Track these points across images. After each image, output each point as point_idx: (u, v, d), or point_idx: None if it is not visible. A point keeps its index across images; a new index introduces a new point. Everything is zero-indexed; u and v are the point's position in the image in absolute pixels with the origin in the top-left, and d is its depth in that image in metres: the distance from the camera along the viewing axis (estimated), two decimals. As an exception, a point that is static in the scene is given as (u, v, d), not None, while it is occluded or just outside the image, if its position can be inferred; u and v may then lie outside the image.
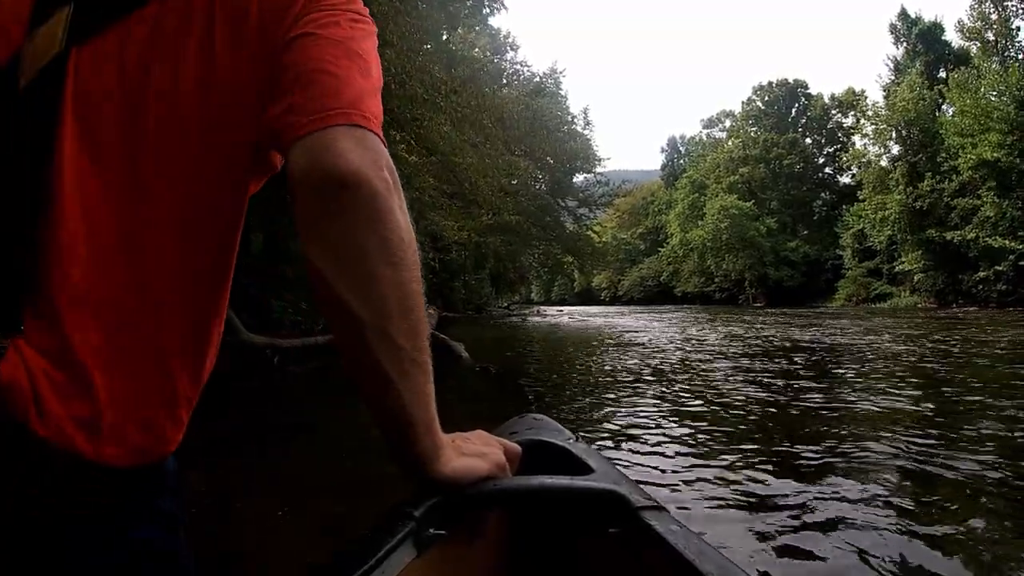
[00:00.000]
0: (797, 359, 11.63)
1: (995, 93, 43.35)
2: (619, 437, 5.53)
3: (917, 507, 3.69)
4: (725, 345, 14.73)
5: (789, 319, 28.20)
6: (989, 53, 47.23)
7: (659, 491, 3.93)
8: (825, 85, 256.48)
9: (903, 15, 58.30)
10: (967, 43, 50.88)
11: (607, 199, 43.97)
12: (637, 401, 7.30)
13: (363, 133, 0.72)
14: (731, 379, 8.96)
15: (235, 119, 0.78)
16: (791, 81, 79.31)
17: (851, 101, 71.48)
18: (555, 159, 32.59)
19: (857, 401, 7.08)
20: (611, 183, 44.32)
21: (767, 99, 79.87)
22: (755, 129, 79.36)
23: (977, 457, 4.63)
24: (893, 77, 57.99)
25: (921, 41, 56.38)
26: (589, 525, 0.96)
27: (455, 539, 0.88)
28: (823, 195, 76.85)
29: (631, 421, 6.16)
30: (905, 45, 58.03)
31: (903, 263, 52.20)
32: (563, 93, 39.89)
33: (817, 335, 17.70)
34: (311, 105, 0.72)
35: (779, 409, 6.66)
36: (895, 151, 54.64)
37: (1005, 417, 6.05)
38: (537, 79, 33.99)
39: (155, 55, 0.77)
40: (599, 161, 38.20)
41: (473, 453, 0.89)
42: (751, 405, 6.91)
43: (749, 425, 5.93)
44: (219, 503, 3.87)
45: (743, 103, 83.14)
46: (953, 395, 7.47)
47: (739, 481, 4.18)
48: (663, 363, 11.16)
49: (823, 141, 77.58)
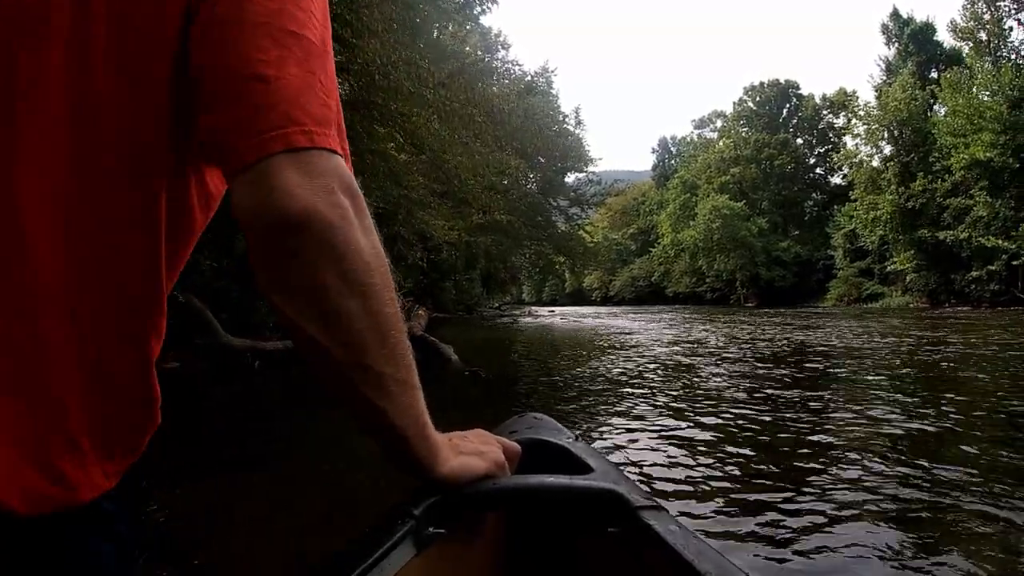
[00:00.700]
0: (792, 359, 11.54)
1: (988, 93, 43.38)
2: (612, 439, 5.48)
3: (914, 506, 3.68)
4: (719, 346, 14.55)
5: (782, 319, 28.15)
6: (982, 53, 47.05)
7: (657, 491, 3.95)
8: (816, 86, 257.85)
9: (895, 15, 58.34)
10: (959, 43, 50.83)
11: (599, 198, 43.80)
12: (631, 403, 7.17)
13: (308, 156, 0.63)
14: (726, 380, 8.83)
15: (119, 103, 0.65)
16: (782, 81, 79.41)
17: (842, 101, 71.48)
18: (546, 158, 32.35)
19: (853, 401, 7.08)
20: (603, 182, 44.09)
21: (758, 99, 79.89)
22: (746, 129, 79.38)
23: (973, 456, 4.71)
24: (885, 77, 57.94)
25: (913, 41, 56.39)
26: (588, 524, 0.96)
27: (454, 538, 0.88)
28: (814, 195, 77.07)
29: (625, 423, 6.11)
30: (897, 45, 58.03)
31: (895, 263, 52.19)
32: (554, 92, 39.71)
33: (811, 335, 17.64)
34: (242, 127, 0.62)
35: (775, 410, 6.63)
36: (887, 151, 54.62)
37: (1004, 417, 6.14)
38: (528, 78, 33.70)
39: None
40: (591, 161, 38.01)
41: (471, 452, 0.88)
42: (747, 406, 6.84)
43: (745, 426, 5.90)
44: (199, 514, 3.78)
45: (734, 103, 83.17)
46: (950, 395, 7.44)
47: (736, 482, 4.19)
48: (657, 365, 10.97)
49: (814, 141, 77.74)
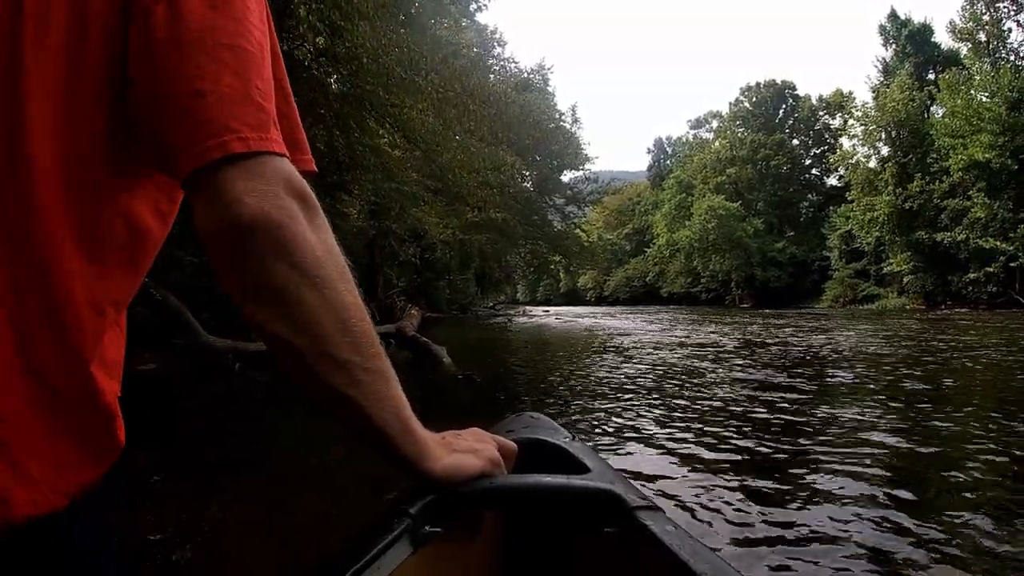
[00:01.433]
0: (790, 361, 11.38)
1: (987, 94, 43.36)
2: (608, 440, 5.41)
3: (912, 507, 3.65)
4: (716, 347, 14.25)
5: (779, 320, 28.02)
6: (980, 54, 47.19)
7: (653, 492, 3.92)
8: (813, 86, 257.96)
9: (893, 16, 58.49)
10: (958, 44, 50.95)
11: (595, 196, 43.47)
12: (627, 406, 6.99)
13: (248, 163, 0.65)
14: (723, 382, 8.66)
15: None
16: (779, 82, 79.39)
17: (839, 103, 71.62)
18: (543, 155, 31.98)
19: (851, 402, 7.07)
20: (600, 181, 43.79)
21: (755, 100, 79.86)
22: (742, 130, 79.30)
23: (972, 457, 4.68)
24: (882, 78, 58.16)
25: (911, 42, 56.61)
26: (585, 524, 0.97)
27: (451, 537, 0.89)
28: (810, 196, 77.17)
29: (621, 425, 6.01)
30: (894, 47, 58.26)
31: (891, 264, 52.31)
32: (550, 89, 39.34)
33: (808, 336, 17.44)
34: (183, 142, 0.64)
35: (771, 412, 6.54)
36: (884, 152, 54.71)
37: (1003, 418, 6.08)
38: (525, 75, 33.33)
39: None
40: (587, 159, 37.67)
41: (466, 449, 0.89)
42: (743, 407, 6.77)
43: (742, 428, 5.83)
44: (188, 516, 3.67)
45: (730, 104, 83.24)
46: (950, 396, 7.47)
47: (733, 483, 4.14)
48: (653, 366, 10.67)
49: (810, 142, 77.88)
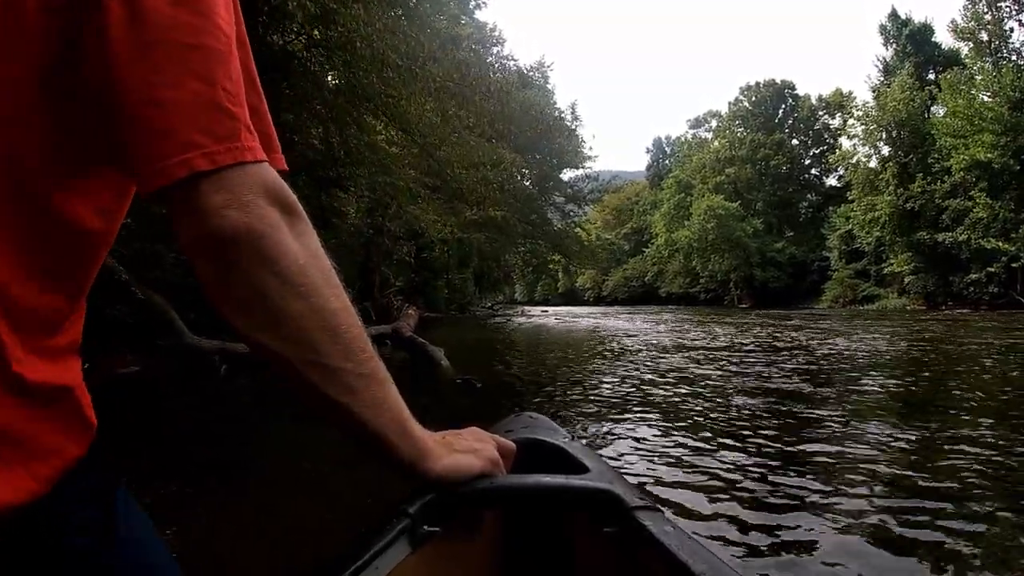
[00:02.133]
0: (791, 362, 11.23)
1: (989, 94, 43.22)
2: (608, 442, 5.36)
3: (912, 507, 3.63)
4: (717, 348, 13.94)
5: (779, 321, 27.80)
6: (982, 53, 47.01)
7: (652, 494, 3.92)
8: (812, 86, 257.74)
9: (893, 16, 58.38)
10: (960, 43, 50.76)
11: (596, 195, 43.22)
12: (627, 408, 6.85)
13: (220, 175, 0.63)
14: (725, 384, 8.47)
15: None
16: (778, 82, 79.21)
17: (838, 102, 71.58)
18: (542, 153, 31.73)
19: (853, 404, 7.04)
20: (600, 179, 43.54)
21: (754, 99, 79.71)
22: (742, 130, 79.18)
23: (974, 459, 4.63)
24: (882, 78, 58.02)
25: (911, 42, 56.53)
26: (584, 524, 0.98)
27: (450, 536, 0.89)
28: (809, 196, 77.11)
29: (621, 428, 5.92)
30: (895, 46, 58.16)
31: (892, 265, 52.19)
32: (550, 87, 39.04)
33: (809, 337, 17.23)
34: (144, 155, 0.61)
35: (772, 414, 6.46)
36: (885, 152, 54.57)
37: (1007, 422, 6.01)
38: (525, 72, 33.02)
39: None
40: (587, 157, 37.41)
41: (465, 449, 0.89)
42: (744, 411, 6.66)
43: (743, 431, 5.73)
44: (181, 520, 3.60)
45: (730, 103, 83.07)
46: (954, 398, 7.41)
47: (733, 485, 4.11)
48: (654, 369, 10.36)
49: (810, 142, 77.81)
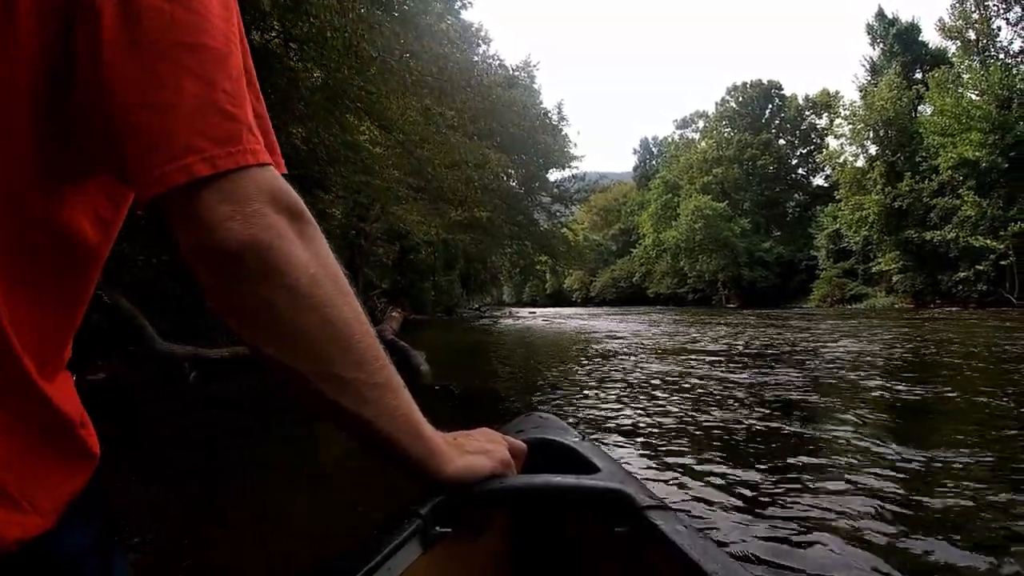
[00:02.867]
0: (782, 362, 11.09)
1: (977, 92, 43.39)
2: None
3: (912, 505, 3.64)
4: (707, 350, 13.64)
5: (767, 320, 27.82)
6: (970, 52, 47.35)
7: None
8: (799, 86, 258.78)
9: (880, 15, 58.61)
10: (947, 42, 51.16)
11: (583, 195, 43.02)
12: (617, 414, 6.60)
13: (223, 182, 0.61)
14: (717, 388, 8.21)
15: None
16: (765, 82, 79.57)
17: (825, 102, 71.82)
18: (528, 153, 31.45)
19: (847, 403, 7.00)
20: (587, 179, 43.35)
21: (741, 100, 79.97)
22: (729, 130, 79.41)
23: (968, 452, 4.73)
24: (869, 77, 58.25)
25: (898, 42, 56.85)
26: (595, 524, 0.98)
27: (461, 537, 0.90)
28: (796, 196, 77.31)
29: (607, 436, 5.67)
30: (882, 46, 58.51)
31: (879, 263, 52.27)
32: (536, 87, 38.72)
33: (799, 336, 17.15)
34: (141, 163, 0.59)
35: (769, 418, 6.28)
36: (872, 151, 54.74)
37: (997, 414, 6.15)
38: (511, 72, 32.70)
39: None
40: (574, 157, 37.16)
41: (477, 451, 0.89)
42: (742, 413, 6.51)
43: (743, 430, 5.72)
44: (174, 530, 3.63)
45: (717, 104, 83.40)
46: (945, 391, 7.50)
47: (737, 486, 4.08)
48: (644, 372, 10.02)
49: (796, 142, 78.09)
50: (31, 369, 0.60)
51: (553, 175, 39.35)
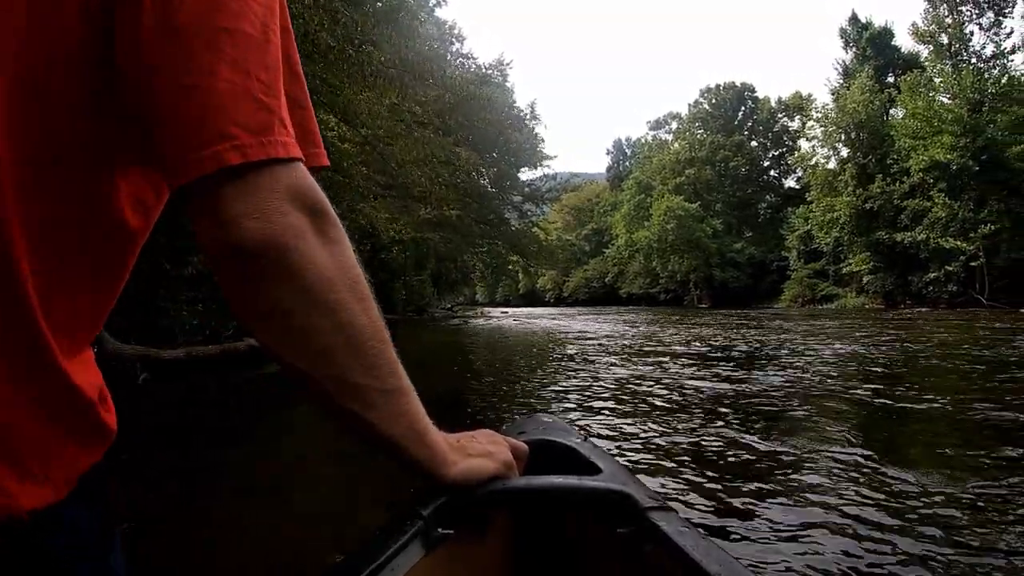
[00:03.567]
0: (756, 362, 11.14)
1: (948, 96, 43.85)
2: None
3: (912, 504, 3.63)
4: (680, 352, 13.34)
5: (740, 320, 27.99)
6: (942, 56, 47.94)
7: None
8: (772, 89, 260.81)
9: (854, 20, 59.16)
10: (919, 47, 51.87)
11: (554, 194, 42.73)
12: (586, 421, 6.35)
13: (248, 176, 0.60)
14: (687, 389, 8.10)
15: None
16: (738, 84, 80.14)
17: (798, 105, 72.24)
18: (499, 151, 31.08)
19: (822, 398, 7.17)
20: (558, 178, 43.06)
21: (714, 102, 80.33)
22: (702, 131, 79.82)
23: (949, 447, 4.88)
24: (842, 81, 58.73)
25: (871, 45, 57.60)
26: (597, 525, 0.98)
27: (463, 538, 0.90)
28: (768, 197, 77.79)
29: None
30: (855, 50, 59.25)
31: (850, 264, 52.68)
32: (509, 85, 38.32)
33: (771, 336, 17.33)
34: (174, 146, 0.59)
35: (747, 422, 6.15)
36: (844, 153, 55.13)
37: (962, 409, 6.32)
38: (484, 70, 32.28)
39: None
40: (546, 156, 36.81)
41: (479, 453, 0.90)
42: (714, 416, 6.42)
43: (714, 432, 5.64)
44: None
45: (690, 105, 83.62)
46: (918, 393, 7.50)
47: (727, 491, 4.02)
48: (614, 375, 9.71)
49: (769, 144, 78.66)
50: (56, 350, 0.61)
51: (525, 174, 39.04)
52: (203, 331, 11.10)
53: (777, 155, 77.18)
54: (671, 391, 7.83)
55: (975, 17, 47.13)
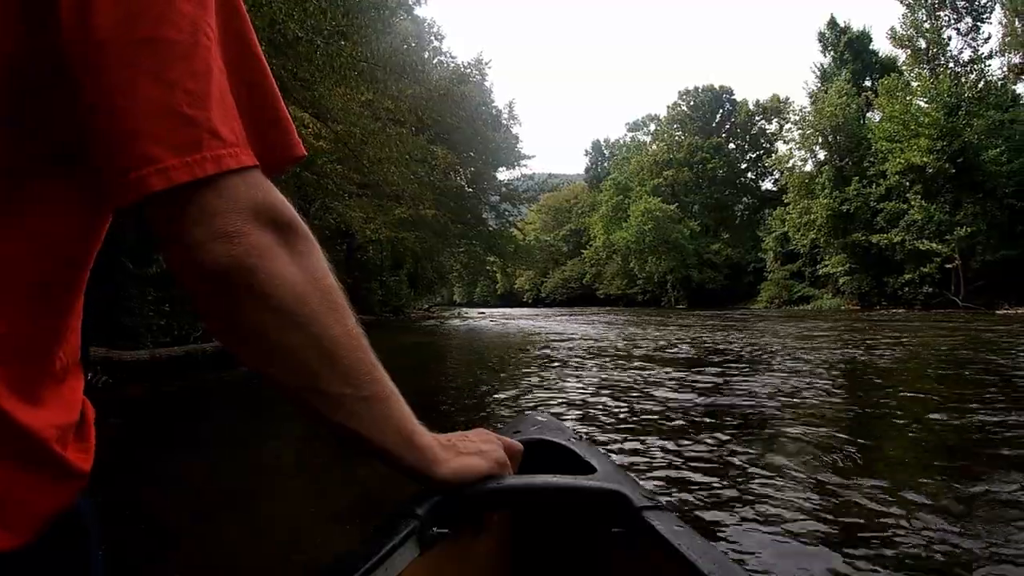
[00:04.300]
0: (739, 362, 11.14)
1: (925, 99, 44.12)
2: None
3: (909, 504, 3.60)
4: (659, 355, 13.09)
5: (716, 321, 28.15)
6: (920, 61, 48.46)
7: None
8: (750, 92, 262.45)
9: (832, 24, 59.46)
10: (898, 51, 52.32)
11: (532, 195, 42.51)
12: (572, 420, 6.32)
13: (189, 199, 0.56)
14: (666, 390, 8.04)
15: None
16: (717, 87, 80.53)
17: (775, 108, 72.51)
18: (477, 151, 30.81)
19: (809, 397, 7.26)
20: (536, 178, 42.87)
21: (692, 104, 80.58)
22: (680, 133, 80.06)
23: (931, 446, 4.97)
24: (820, 84, 59.11)
25: (849, 49, 57.97)
26: (592, 524, 0.99)
27: (458, 538, 0.90)
28: (745, 199, 78.20)
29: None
30: (833, 53, 59.59)
31: (827, 266, 52.93)
32: (488, 85, 38.06)
33: (749, 337, 17.39)
34: (105, 173, 0.56)
35: (715, 421, 6.19)
36: (821, 156, 55.49)
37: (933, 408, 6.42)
38: (463, 69, 31.98)
39: None
40: (524, 156, 36.58)
41: (472, 451, 0.89)
42: (692, 416, 6.42)
43: (714, 434, 5.56)
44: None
45: (668, 107, 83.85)
46: (897, 389, 7.76)
47: (719, 490, 4.00)
48: (591, 376, 9.49)
49: (746, 147, 79.01)
50: (10, 386, 0.57)
51: (503, 174, 38.80)
52: (170, 332, 10.73)
53: (754, 157, 77.38)
54: (647, 394, 7.65)
55: (953, 22, 47.64)
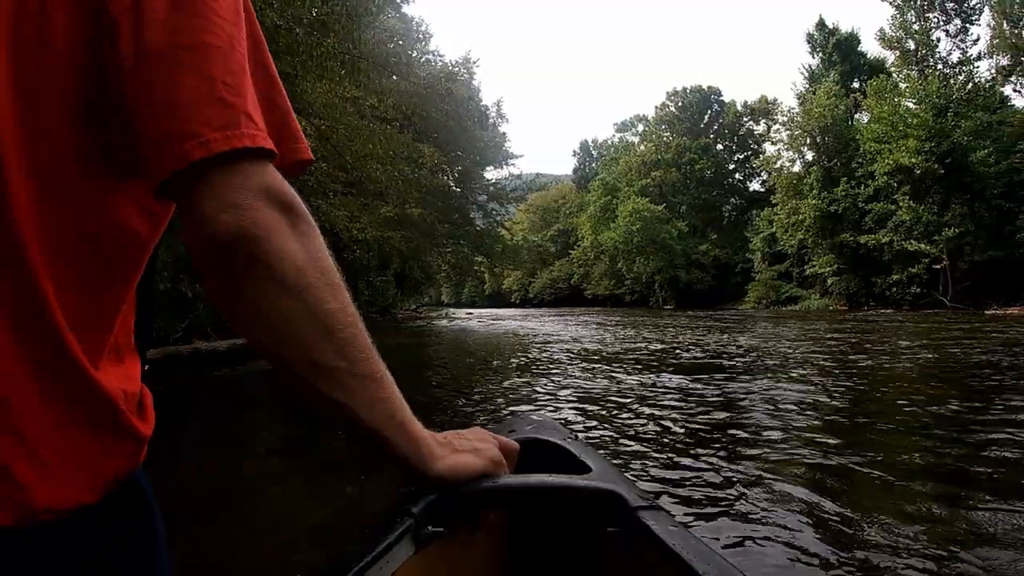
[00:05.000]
0: (731, 362, 11.16)
1: (914, 101, 44.23)
2: None
3: (908, 505, 3.60)
4: (648, 356, 12.92)
5: (704, 322, 28.19)
6: (909, 62, 48.63)
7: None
8: (738, 93, 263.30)
9: (821, 25, 59.60)
10: (886, 52, 52.50)
11: (520, 194, 42.28)
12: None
13: (218, 173, 0.63)
14: (653, 393, 7.95)
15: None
16: (705, 87, 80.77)
17: (763, 109, 72.64)
18: (464, 150, 30.56)
19: (795, 397, 7.30)
20: (524, 178, 42.66)
21: (680, 104, 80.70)
22: (668, 134, 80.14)
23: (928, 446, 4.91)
24: (808, 85, 59.28)
25: (837, 51, 58.10)
26: (587, 524, 1.00)
27: (454, 536, 0.91)
28: (733, 200, 78.35)
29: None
30: (821, 55, 59.70)
31: (814, 266, 53.01)
32: (476, 83, 37.81)
33: (737, 337, 17.48)
34: (151, 153, 0.62)
35: (709, 423, 6.14)
36: (809, 157, 55.60)
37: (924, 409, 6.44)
38: (451, 67, 31.70)
39: None
40: (512, 155, 36.37)
41: (467, 449, 0.89)
42: (681, 420, 6.29)
43: (705, 439, 5.53)
44: None
45: (656, 108, 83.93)
46: (888, 390, 7.83)
47: (711, 491, 3.99)
48: (578, 379, 9.36)
49: (734, 147, 79.17)
50: (78, 351, 0.64)
51: (491, 173, 38.56)
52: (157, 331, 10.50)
53: (742, 158, 77.56)
54: (639, 397, 7.56)
55: (942, 24, 47.82)
